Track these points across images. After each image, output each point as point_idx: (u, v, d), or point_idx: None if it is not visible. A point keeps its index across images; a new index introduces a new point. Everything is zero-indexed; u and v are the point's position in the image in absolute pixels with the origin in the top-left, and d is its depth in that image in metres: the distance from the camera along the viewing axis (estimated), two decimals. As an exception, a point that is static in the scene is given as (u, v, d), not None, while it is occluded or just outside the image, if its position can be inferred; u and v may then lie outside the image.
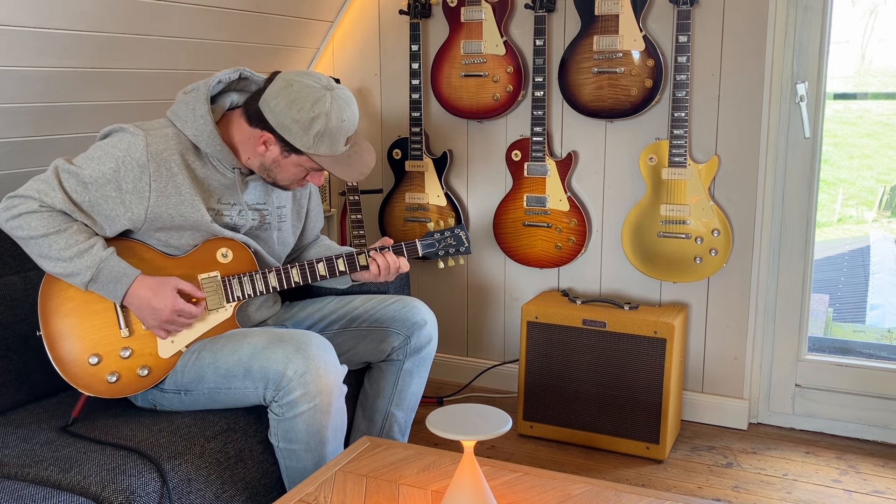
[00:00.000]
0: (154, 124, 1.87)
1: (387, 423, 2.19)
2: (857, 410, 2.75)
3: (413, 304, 2.18)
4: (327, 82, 1.85)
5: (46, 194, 1.77)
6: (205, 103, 1.84)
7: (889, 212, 3.04)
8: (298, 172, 1.92)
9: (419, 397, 2.23)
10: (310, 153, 1.85)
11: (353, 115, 1.87)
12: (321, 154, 1.85)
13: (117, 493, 1.58)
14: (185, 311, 1.83)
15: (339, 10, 3.14)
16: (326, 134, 1.83)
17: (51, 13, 2.05)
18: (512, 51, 2.86)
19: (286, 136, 1.83)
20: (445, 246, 2.08)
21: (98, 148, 1.82)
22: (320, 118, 1.81)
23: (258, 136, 1.87)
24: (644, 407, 2.60)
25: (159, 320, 1.82)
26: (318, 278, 1.98)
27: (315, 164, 1.89)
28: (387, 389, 2.18)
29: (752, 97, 2.65)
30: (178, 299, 1.82)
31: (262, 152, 1.89)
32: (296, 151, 1.86)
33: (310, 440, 1.84)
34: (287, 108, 1.81)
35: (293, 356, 1.80)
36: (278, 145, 1.86)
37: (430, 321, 2.18)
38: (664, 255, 2.75)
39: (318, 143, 1.83)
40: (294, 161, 1.89)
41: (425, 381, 2.23)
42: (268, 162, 1.91)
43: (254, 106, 1.86)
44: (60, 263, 1.77)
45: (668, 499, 1.58)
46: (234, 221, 1.94)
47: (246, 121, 1.89)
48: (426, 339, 2.17)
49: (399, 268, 2.02)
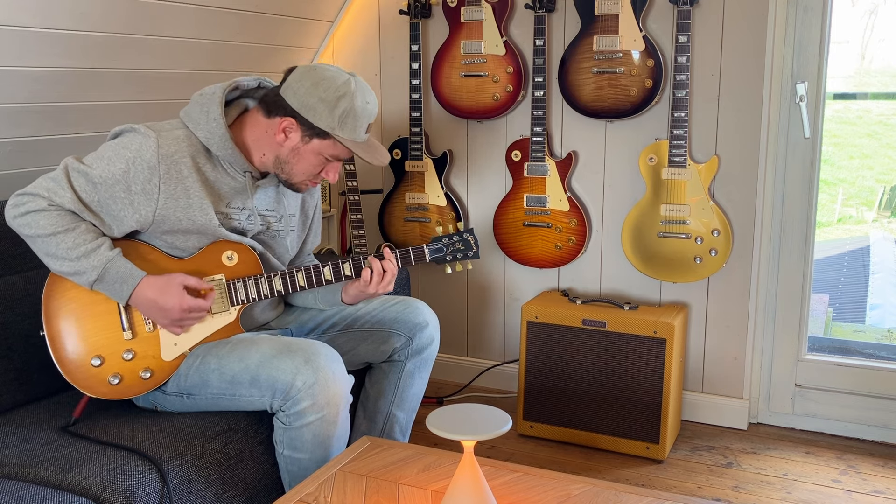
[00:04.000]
0: (165, 125, 1.86)
1: (388, 424, 2.19)
2: (857, 410, 2.75)
3: (415, 305, 2.17)
4: (349, 71, 1.89)
5: (56, 193, 1.76)
6: (219, 106, 1.84)
7: (889, 212, 3.04)
8: (316, 164, 1.91)
9: (420, 398, 2.23)
10: (334, 133, 1.84)
11: (374, 101, 1.90)
12: (345, 137, 1.85)
13: (117, 494, 1.58)
14: (195, 307, 1.83)
15: (339, 10, 3.14)
16: (351, 114, 1.83)
17: (51, 13, 2.05)
18: (512, 51, 2.86)
19: (310, 116, 1.82)
20: (454, 251, 2.06)
21: (108, 148, 1.81)
22: (346, 97, 1.82)
23: (278, 124, 1.86)
24: (644, 407, 2.60)
25: (170, 319, 1.82)
26: (323, 282, 1.97)
27: (336, 150, 1.88)
28: (388, 390, 2.18)
29: (752, 97, 2.65)
30: (186, 297, 1.81)
31: (282, 141, 1.87)
32: (318, 135, 1.85)
33: (315, 449, 1.84)
34: (313, 87, 1.82)
35: (302, 367, 1.79)
36: (299, 130, 1.85)
37: (433, 322, 2.18)
38: (664, 255, 2.75)
39: (342, 123, 1.84)
40: (314, 148, 1.87)
41: (426, 382, 2.23)
42: (285, 153, 1.89)
43: (272, 97, 1.87)
44: (67, 262, 1.77)
45: (667, 499, 1.58)
46: (243, 226, 1.94)
47: (264, 114, 1.88)
48: (428, 341, 2.16)
49: (395, 276, 2.01)
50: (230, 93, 1.91)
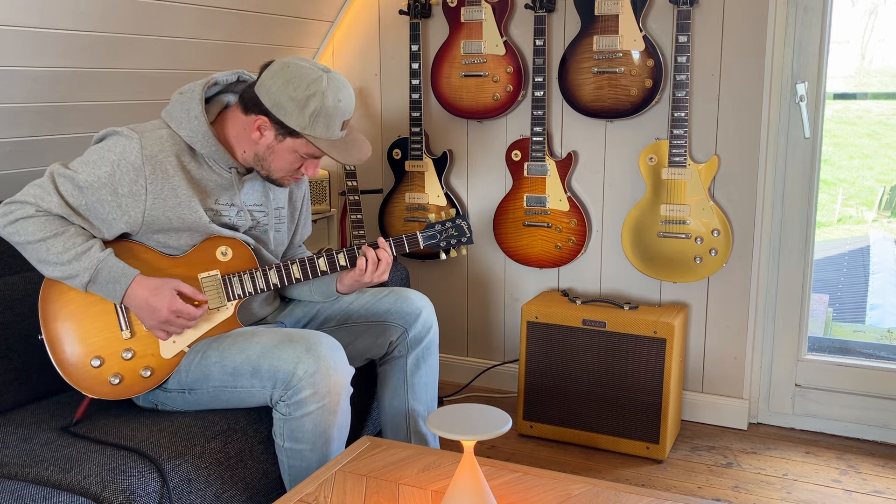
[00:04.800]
0: (148, 126, 1.86)
1: (411, 421, 2.17)
2: (857, 410, 2.75)
3: (407, 294, 2.16)
4: (324, 66, 1.85)
5: (42, 199, 1.76)
6: (199, 103, 1.83)
7: (889, 212, 3.04)
8: (293, 161, 1.89)
9: (435, 386, 2.21)
10: (305, 133, 1.83)
11: (349, 97, 1.85)
12: (317, 136, 1.84)
13: (117, 493, 1.58)
14: (184, 312, 1.82)
15: (339, 10, 3.14)
16: (322, 113, 1.81)
17: (51, 13, 2.05)
18: (512, 51, 2.86)
19: (281, 115, 1.81)
20: (447, 237, 2.06)
21: (93, 152, 1.81)
22: (316, 96, 1.80)
23: (253, 122, 1.85)
24: (644, 407, 2.60)
25: (157, 320, 1.82)
26: (318, 273, 1.98)
27: (310, 148, 1.86)
28: (399, 388, 2.17)
29: (752, 97, 2.65)
30: (177, 299, 1.81)
31: (257, 139, 1.86)
32: (291, 134, 1.84)
33: (316, 440, 1.84)
34: (283, 86, 1.80)
35: (303, 356, 1.80)
36: (273, 129, 1.84)
37: (426, 309, 2.16)
38: (664, 255, 2.75)
39: (314, 122, 1.81)
40: (288, 146, 1.86)
41: (437, 370, 2.21)
42: (262, 150, 1.88)
43: (249, 93, 1.86)
44: (59, 267, 1.77)
45: (667, 499, 1.58)
46: (233, 221, 1.94)
47: (241, 110, 1.88)
48: (425, 329, 2.15)
49: (389, 265, 2.00)
50: (210, 88, 1.90)
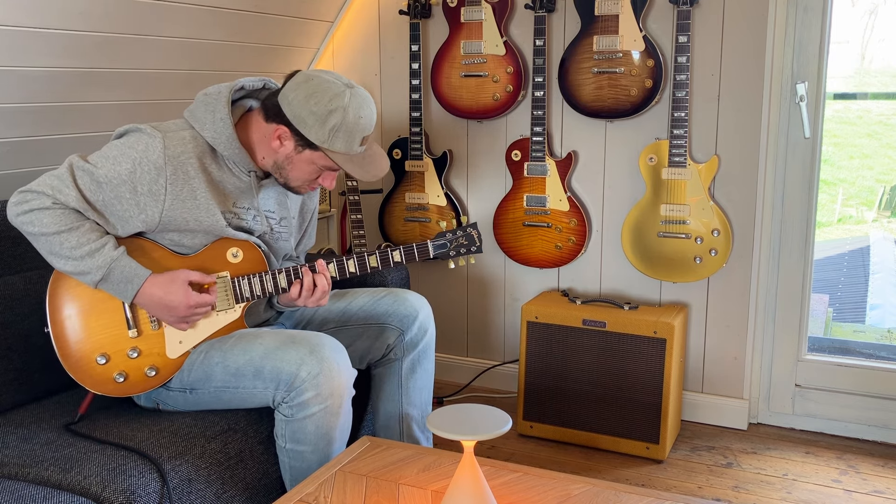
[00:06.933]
0: (171, 126, 1.85)
1: (404, 425, 2.17)
2: (857, 410, 2.75)
3: (403, 296, 2.15)
4: (348, 81, 1.84)
5: (60, 191, 1.75)
6: (225, 106, 1.83)
7: (889, 212, 3.04)
8: (311, 172, 1.89)
9: (430, 391, 2.20)
10: (324, 148, 1.82)
11: (370, 115, 1.85)
12: (336, 150, 1.83)
13: (117, 493, 1.58)
14: (201, 303, 1.83)
15: (339, 10, 3.14)
16: (343, 129, 1.80)
17: (50, 13, 2.05)
18: (512, 51, 2.86)
19: (302, 128, 1.80)
20: (457, 246, 2.04)
21: (114, 147, 1.80)
22: (337, 112, 1.79)
23: (273, 131, 1.85)
24: (644, 407, 2.60)
25: (177, 317, 1.82)
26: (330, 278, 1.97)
27: (328, 161, 1.86)
28: (392, 392, 2.16)
29: (752, 97, 2.65)
30: (191, 293, 1.81)
31: (276, 147, 1.86)
32: (310, 146, 1.84)
33: (318, 441, 1.84)
34: (305, 100, 1.79)
35: (307, 357, 1.80)
36: (293, 139, 1.84)
37: (423, 311, 2.15)
38: (664, 255, 2.75)
39: (333, 137, 1.81)
40: (307, 158, 1.86)
41: (432, 374, 2.20)
42: (280, 158, 1.88)
43: (272, 101, 1.85)
44: (71, 262, 1.76)
45: (667, 499, 1.58)
46: (250, 225, 1.94)
47: (263, 117, 1.88)
48: (421, 332, 2.14)
49: (326, 293, 1.93)
50: (235, 93, 1.90)
